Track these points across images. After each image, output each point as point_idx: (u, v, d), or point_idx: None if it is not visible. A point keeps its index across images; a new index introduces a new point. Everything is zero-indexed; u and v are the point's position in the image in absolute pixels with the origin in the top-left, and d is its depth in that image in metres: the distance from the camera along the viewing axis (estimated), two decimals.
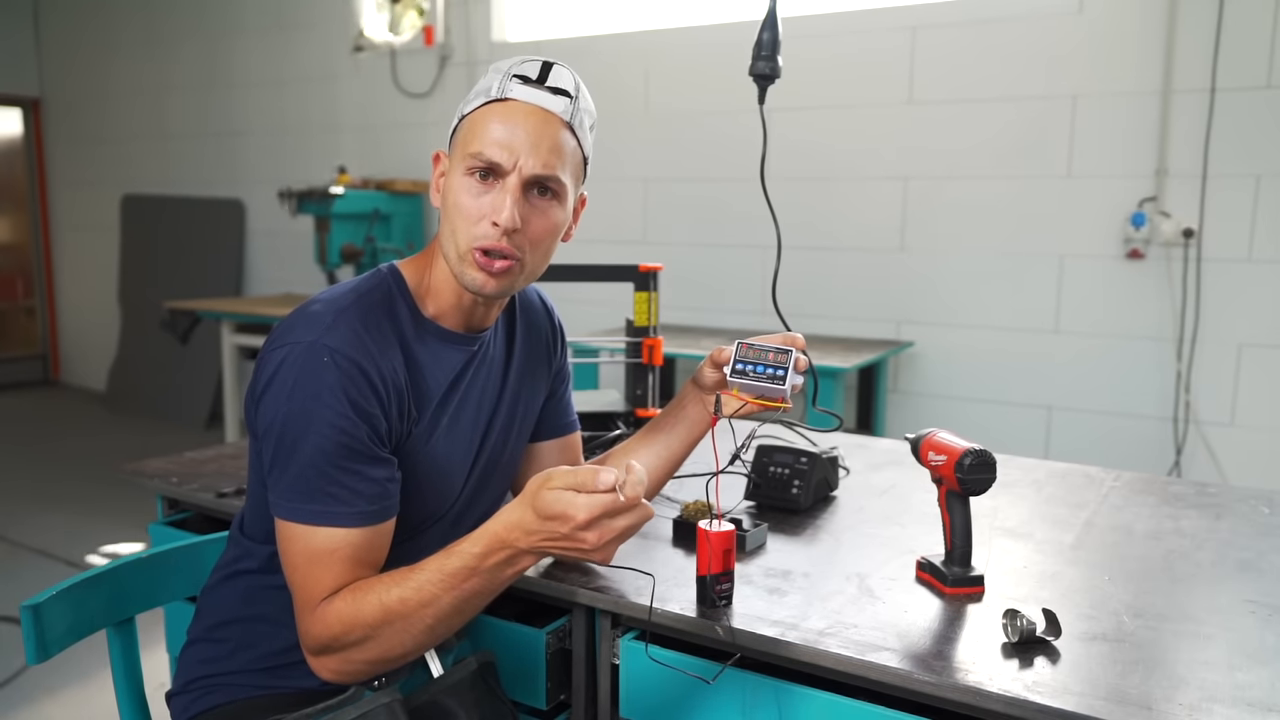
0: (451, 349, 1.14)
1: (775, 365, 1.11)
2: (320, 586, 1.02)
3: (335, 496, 1.01)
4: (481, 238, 1.06)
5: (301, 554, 1.02)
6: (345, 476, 1.02)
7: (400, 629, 0.99)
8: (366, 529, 1.03)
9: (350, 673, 1.04)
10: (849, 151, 3.83)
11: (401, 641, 1.00)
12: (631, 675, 1.19)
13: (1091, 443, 3.45)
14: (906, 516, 1.51)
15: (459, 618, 1.00)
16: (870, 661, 1.02)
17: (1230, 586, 1.24)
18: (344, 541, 1.02)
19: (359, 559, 1.03)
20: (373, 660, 1.02)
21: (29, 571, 3.48)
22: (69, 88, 6.86)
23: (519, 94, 1.06)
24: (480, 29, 4.73)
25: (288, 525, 1.03)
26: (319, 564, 1.02)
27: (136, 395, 6.23)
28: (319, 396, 1.00)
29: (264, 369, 1.04)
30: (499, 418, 1.22)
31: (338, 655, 1.02)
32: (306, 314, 1.05)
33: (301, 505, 1.02)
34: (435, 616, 0.98)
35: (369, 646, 1.00)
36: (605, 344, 3.38)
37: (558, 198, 1.09)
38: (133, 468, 1.75)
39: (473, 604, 1.00)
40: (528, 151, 1.05)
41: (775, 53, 1.31)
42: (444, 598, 0.98)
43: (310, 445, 1.00)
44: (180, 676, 1.18)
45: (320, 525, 1.02)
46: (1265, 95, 3.08)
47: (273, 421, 1.02)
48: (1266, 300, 3.16)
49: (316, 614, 1.01)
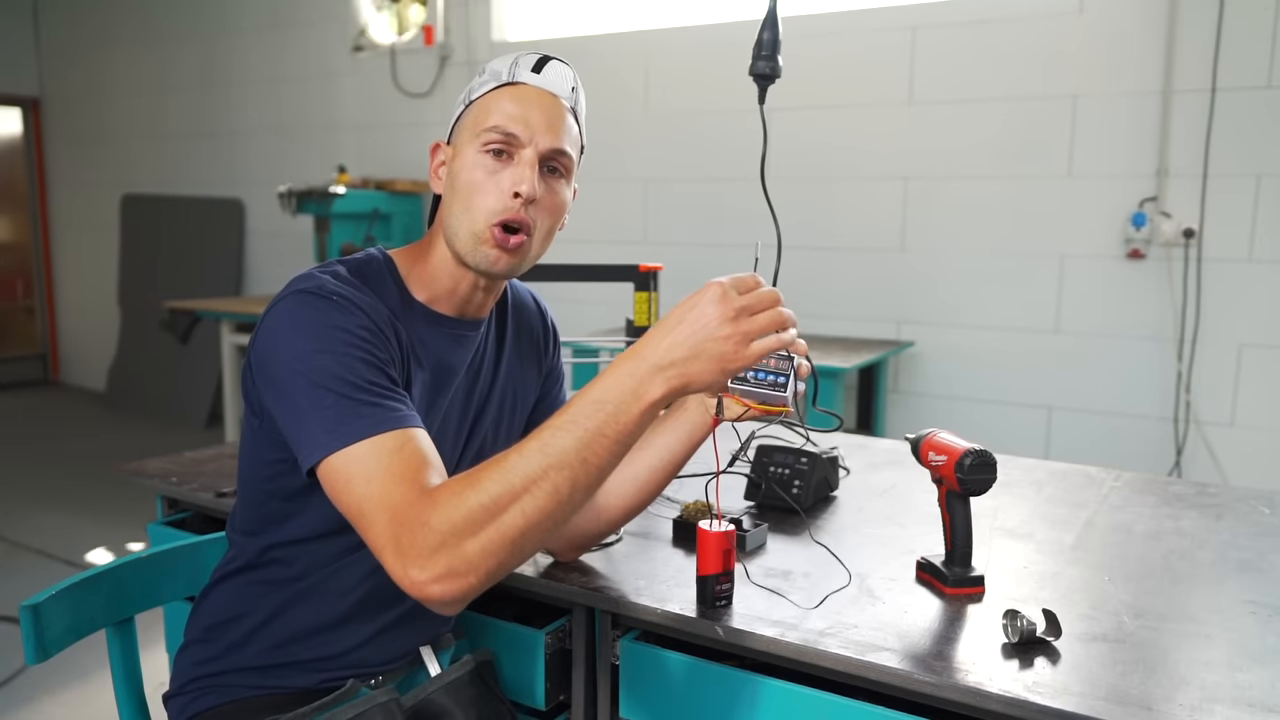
0: (439, 332, 1.14)
1: (777, 372, 1.11)
2: (411, 474, 0.91)
3: (381, 406, 0.95)
4: (502, 211, 1.07)
5: (369, 469, 0.92)
6: (384, 392, 0.97)
7: (524, 492, 0.87)
8: (422, 431, 0.97)
9: (466, 570, 0.86)
10: (849, 151, 3.83)
11: (525, 512, 0.87)
12: (631, 675, 1.19)
13: (1091, 443, 3.45)
14: (906, 516, 1.51)
15: (584, 472, 0.89)
16: (870, 662, 1.02)
17: (1230, 586, 1.24)
18: (406, 440, 0.94)
19: (427, 460, 0.93)
20: (493, 546, 0.87)
21: (29, 571, 3.48)
22: (68, 87, 6.86)
23: (529, 79, 1.11)
24: (480, 29, 4.73)
25: (338, 459, 0.93)
26: (393, 466, 0.91)
27: (136, 395, 6.23)
28: (337, 324, 0.98)
29: (267, 325, 1.01)
30: (488, 414, 1.21)
31: (450, 551, 0.86)
32: (302, 274, 1.05)
33: (348, 426, 0.93)
34: (559, 468, 0.88)
35: (490, 525, 0.86)
36: (605, 344, 3.38)
37: (565, 177, 1.13)
38: (132, 468, 1.75)
39: (598, 452, 0.89)
40: (543, 128, 1.08)
41: (775, 52, 1.31)
42: (568, 442, 0.88)
43: (342, 369, 0.96)
44: (177, 678, 1.18)
45: (380, 433, 0.93)
46: (1265, 95, 3.08)
47: (291, 363, 0.97)
48: (1266, 300, 3.16)
49: (415, 506, 0.88)
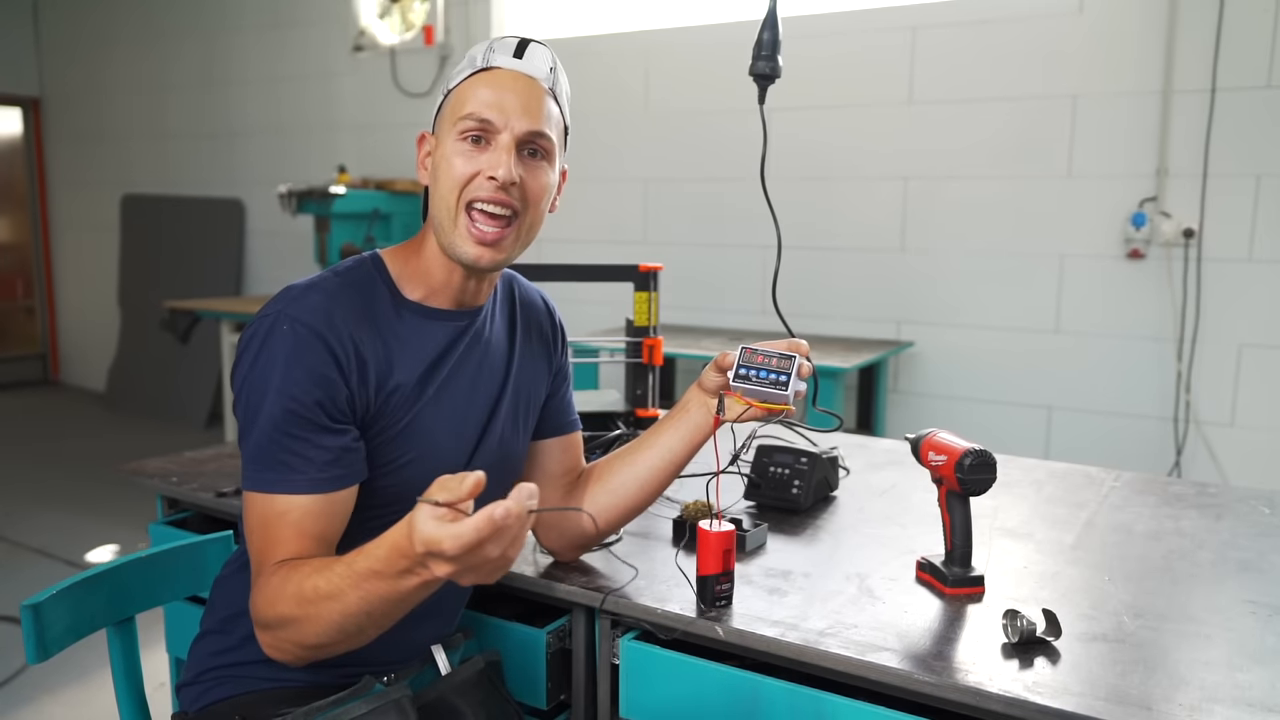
0: (436, 324, 1.15)
1: (779, 371, 1.12)
2: (269, 555, 1.01)
3: (286, 464, 1.02)
4: (476, 190, 1.08)
5: (256, 521, 1.03)
6: (296, 444, 1.03)
7: (312, 618, 0.95)
8: (318, 497, 1.03)
9: (281, 651, 1.00)
10: (849, 151, 3.82)
11: (316, 632, 0.95)
12: (631, 675, 1.19)
13: (1091, 443, 3.45)
14: (906, 516, 1.51)
15: (368, 620, 0.93)
16: (870, 662, 1.02)
17: (1230, 586, 1.24)
18: (294, 507, 1.02)
19: (307, 530, 1.02)
20: (297, 643, 0.98)
21: (29, 571, 3.48)
22: (68, 87, 6.86)
23: (504, 63, 1.11)
24: (480, 29, 4.73)
25: (247, 495, 1.04)
26: (270, 532, 1.02)
27: (136, 395, 6.23)
28: (274, 364, 1.03)
29: (240, 343, 1.08)
30: (503, 406, 1.22)
31: (269, 632, 1.00)
32: (283, 290, 1.10)
33: (257, 473, 1.03)
34: (342, 614, 0.93)
35: (289, 630, 0.97)
36: (605, 344, 3.38)
37: (548, 158, 1.13)
38: (133, 467, 1.75)
39: (380, 609, 0.92)
40: (518, 112, 1.09)
41: (775, 52, 1.31)
42: (350, 595, 0.92)
43: (265, 413, 1.03)
44: (192, 667, 1.19)
45: (272, 493, 1.02)
46: (1265, 95, 3.08)
47: (239, 391, 1.06)
48: (1266, 300, 3.16)
49: (259, 581, 1.01)
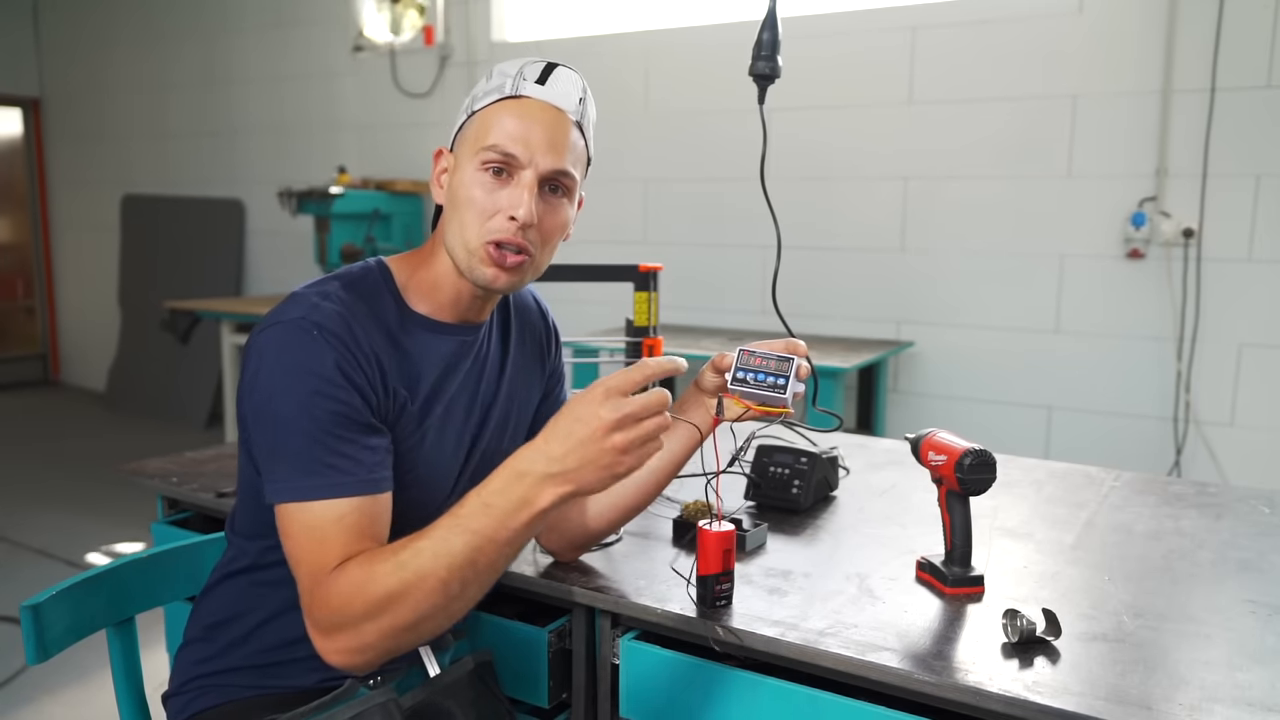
0: (441, 339, 1.14)
1: (777, 373, 1.11)
2: (328, 558, 0.96)
3: (335, 467, 0.98)
4: (497, 231, 1.06)
5: (305, 531, 0.98)
6: (344, 445, 0.99)
7: (412, 587, 0.91)
8: (369, 498, 1.00)
9: (363, 649, 0.94)
10: (849, 151, 3.83)
11: (417, 606, 0.92)
12: (631, 675, 1.19)
13: (1091, 443, 3.45)
14: (906, 516, 1.51)
15: (473, 573, 0.92)
16: (870, 661, 1.02)
17: (1230, 586, 1.24)
18: (349, 510, 0.98)
19: (364, 531, 0.99)
20: (387, 631, 0.93)
21: (29, 571, 3.48)
22: (69, 87, 6.86)
23: (533, 92, 1.07)
24: (480, 29, 4.73)
25: (289, 507, 0.98)
26: (325, 537, 0.97)
27: (136, 395, 6.23)
28: (310, 369, 0.99)
29: (251, 353, 1.03)
30: (493, 417, 1.21)
31: (350, 631, 0.93)
32: (292, 297, 1.06)
33: (302, 482, 0.98)
34: (448, 568, 0.91)
35: (383, 615, 0.92)
36: (605, 344, 3.38)
37: (568, 195, 1.11)
38: (133, 468, 1.75)
39: (486, 554, 0.92)
40: (544, 148, 1.06)
41: (775, 53, 1.31)
42: (455, 542, 0.91)
43: (306, 419, 0.98)
44: (176, 677, 1.18)
45: (323, 499, 0.98)
46: (1265, 95, 3.08)
47: (266, 401, 1.00)
48: (1266, 300, 3.16)
49: (325, 584, 0.95)
